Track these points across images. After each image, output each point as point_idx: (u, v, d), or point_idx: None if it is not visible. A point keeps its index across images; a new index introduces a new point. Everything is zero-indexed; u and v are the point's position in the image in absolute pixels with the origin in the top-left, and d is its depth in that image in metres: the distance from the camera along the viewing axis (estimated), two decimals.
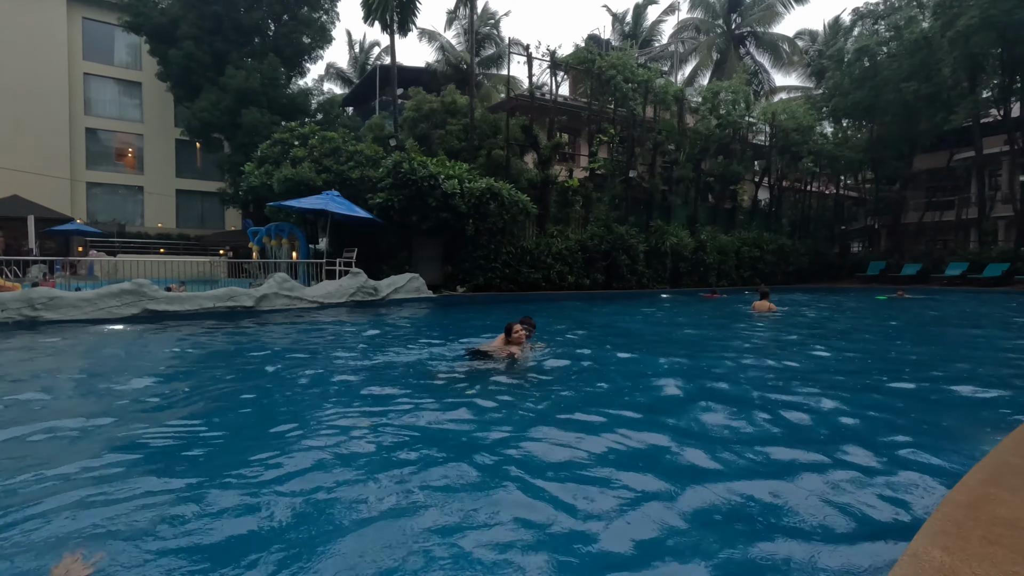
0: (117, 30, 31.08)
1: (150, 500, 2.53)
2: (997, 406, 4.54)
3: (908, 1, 25.65)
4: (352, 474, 2.86)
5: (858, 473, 2.94)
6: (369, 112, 33.07)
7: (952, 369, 6.29)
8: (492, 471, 2.92)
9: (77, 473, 2.84)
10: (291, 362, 6.09)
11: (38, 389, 4.76)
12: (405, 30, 21.37)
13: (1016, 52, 22.19)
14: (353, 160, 17.18)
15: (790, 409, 4.21)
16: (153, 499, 2.54)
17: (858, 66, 26.23)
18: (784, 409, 4.22)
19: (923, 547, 1.63)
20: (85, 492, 2.60)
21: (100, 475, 2.82)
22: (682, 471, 2.97)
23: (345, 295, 12.52)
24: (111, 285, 9.58)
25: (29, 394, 4.55)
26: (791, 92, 39.76)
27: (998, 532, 1.73)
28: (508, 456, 3.15)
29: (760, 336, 9.02)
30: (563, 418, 3.91)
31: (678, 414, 4.10)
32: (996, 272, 22.58)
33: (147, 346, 7.31)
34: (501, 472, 2.90)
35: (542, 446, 3.32)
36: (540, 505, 2.50)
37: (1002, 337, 9.31)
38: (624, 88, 20.48)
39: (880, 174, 29.21)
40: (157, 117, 34.03)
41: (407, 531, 2.26)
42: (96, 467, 2.93)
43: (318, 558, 2.06)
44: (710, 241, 22.66)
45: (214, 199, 33.42)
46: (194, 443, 3.38)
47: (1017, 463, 2.36)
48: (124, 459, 3.06)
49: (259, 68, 26.61)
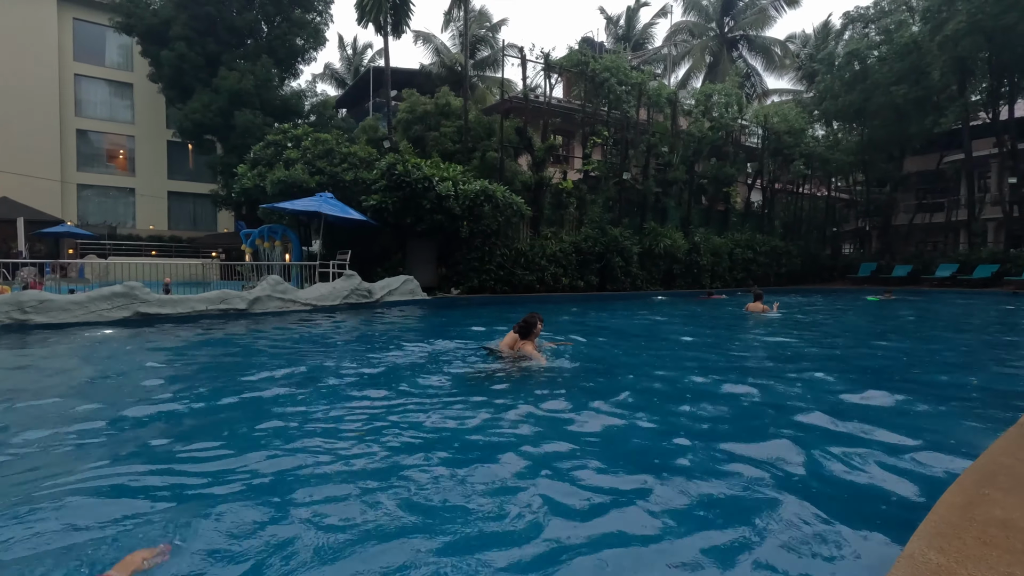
0: (108, 31, 30.92)
1: (158, 507, 2.50)
2: (989, 406, 4.58)
3: (898, 5, 25.90)
4: (367, 481, 2.84)
5: (854, 473, 2.96)
6: (363, 114, 33.04)
7: (944, 370, 6.34)
8: (522, 475, 2.91)
9: (62, 479, 2.81)
10: (283, 364, 6.05)
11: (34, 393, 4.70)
12: (399, 32, 21.37)
13: (1004, 56, 22.45)
14: (347, 162, 17.14)
15: (791, 408, 4.23)
16: (162, 505, 2.52)
17: (848, 69, 26.46)
18: (784, 407, 4.24)
19: (919, 549, 1.64)
20: (68, 502, 2.57)
21: (84, 486, 2.78)
22: (674, 470, 2.97)
23: (339, 297, 12.47)
24: (102, 288, 9.50)
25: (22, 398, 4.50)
26: (783, 95, 40.07)
27: (992, 533, 1.74)
28: (539, 455, 3.14)
29: (758, 335, 9.06)
30: (591, 418, 3.93)
31: (685, 412, 4.11)
32: (986, 273, 22.80)
33: (138, 349, 7.25)
34: (531, 472, 2.89)
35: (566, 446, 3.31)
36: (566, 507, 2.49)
37: (990, 338, 9.41)
38: (617, 90, 20.56)
39: (871, 176, 29.47)
40: (149, 119, 33.82)
41: (418, 532, 2.25)
42: (76, 479, 2.89)
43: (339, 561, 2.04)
44: (704, 243, 22.76)
45: (206, 201, 33.26)
46: (186, 446, 3.35)
47: (1010, 463, 2.38)
48: (117, 465, 3.03)
49: (252, 70, 26.52)
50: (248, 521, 2.36)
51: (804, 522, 2.41)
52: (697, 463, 3.13)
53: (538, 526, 2.34)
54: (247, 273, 16.76)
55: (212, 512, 2.43)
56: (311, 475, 2.89)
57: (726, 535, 2.32)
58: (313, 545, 2.17)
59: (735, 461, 3.14)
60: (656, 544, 2.24)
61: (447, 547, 2.17)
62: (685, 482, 2.83)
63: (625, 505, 2.57)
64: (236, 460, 3.09)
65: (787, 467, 3.06)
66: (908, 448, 3.37)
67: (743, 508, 2.55)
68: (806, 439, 3.56)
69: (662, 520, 2.43)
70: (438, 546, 2.17)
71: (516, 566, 2.06)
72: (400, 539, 2.22)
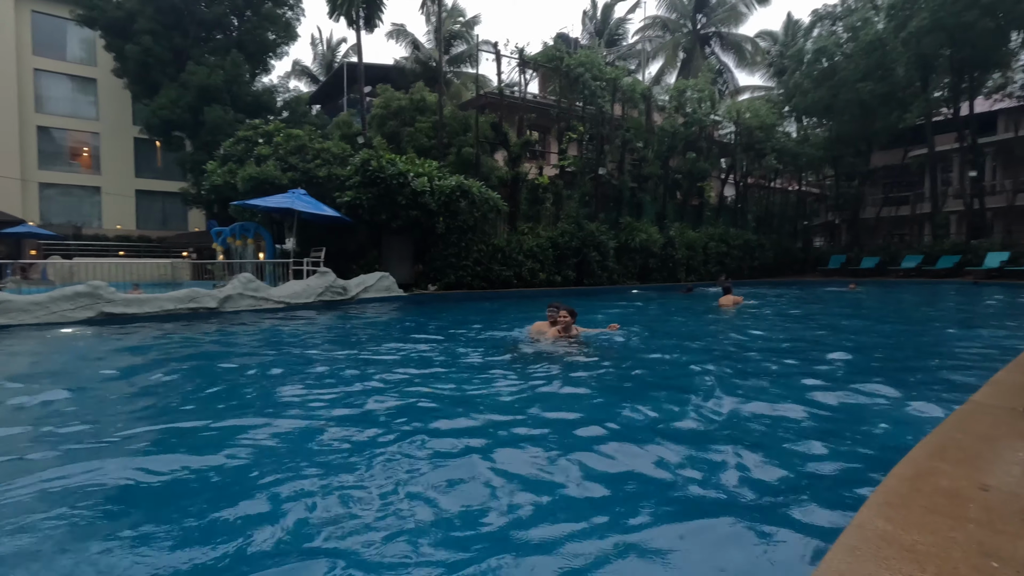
0: (70, 24, 29.95)
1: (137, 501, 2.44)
2: (943, 387, 4.74)
3: (864, 3, 26.54)
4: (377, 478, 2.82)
5: (813, 446, 3.04)
6: (336, 110, 32.63)
7: (903, 353, 6.54)
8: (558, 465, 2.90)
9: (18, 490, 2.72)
10: (258, 362, 5.95)
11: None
12: (372, 26, 21.13)
13: (964, 53, 23.18)
14: (320, 158, 16.90)
15: (757, 390, 4.32)
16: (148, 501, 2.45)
17: (817, 66, 27.04)
18: (751, 390, 4.33)
19: (868, 517, 1.69)
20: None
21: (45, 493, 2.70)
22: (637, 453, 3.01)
23: (313, 295, 12.31)
24: (64, 288, 9.21)
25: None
26: (754, 91, 40.75)
27: (938, 501, 1.80)
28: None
29: (730, 327, 9.22)
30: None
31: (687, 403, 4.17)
32: (948, 264, 23.57)
33: (102, 349, 7.05)
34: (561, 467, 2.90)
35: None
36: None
37: (951, 326, 9.74)
38: (592, 86, 20.66)
39: (840, 171, 30.22)
40: (114, 115, 32.86)
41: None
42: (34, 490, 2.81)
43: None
44: (678, 237, 23.05)
45: (176, 199, 32.47)
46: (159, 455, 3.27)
47: (960, 438, 2.46)
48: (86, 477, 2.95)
49: (222, 64, 25.95)
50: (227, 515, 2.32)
51: (763, 491, 2.48)
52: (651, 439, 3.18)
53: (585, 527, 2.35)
54: (219, 272, 16.41)
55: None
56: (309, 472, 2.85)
57: (685, 499, 2.36)
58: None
59: (701, 429, 3.19)
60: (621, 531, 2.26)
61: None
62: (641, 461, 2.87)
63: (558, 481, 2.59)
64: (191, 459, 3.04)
65: (746, 438, 3.13)
66: (865, 423, 3.48)
67: (701, 477, 2.60)
68: (764, 422, 3.64)
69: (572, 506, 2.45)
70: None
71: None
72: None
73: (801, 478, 2.74)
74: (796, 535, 2.18)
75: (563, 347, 6.18)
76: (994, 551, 1.49)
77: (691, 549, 2.11)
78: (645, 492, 2.60)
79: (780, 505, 2.44)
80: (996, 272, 21.71)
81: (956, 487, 1.92)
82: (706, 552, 2.10)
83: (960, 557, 1.46)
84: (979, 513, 1.72)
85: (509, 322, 9.64)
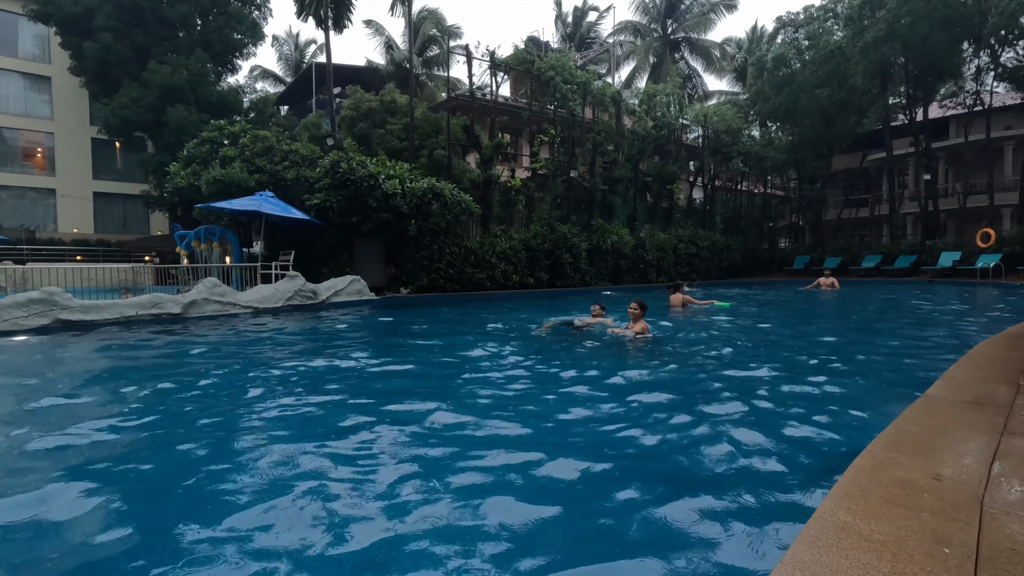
0: (22, 19, 28.76)
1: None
2: (899, 382, 4.92)
3: (823, 12, 27.43)
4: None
5: (778, 446, 3.12)
6: (305, 111, 32.08)
7: (858, 350, 6.77)
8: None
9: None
10: (226, 368, 5.80)
11: None
12: (341, 26, 20.89)
13: (919, 62, 24.16)
14: (288, 160, 16.58)
15: (726, 389, 4.41)
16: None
17: (777, 73, 27.80)
18: (719, 389, 4.41)
19: (829, 509, 1.74)
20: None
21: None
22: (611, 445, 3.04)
23: (282, 299, 12.05)
24: (17, 294, 8.81)
25: None
26: (722, 96, 41.69)
27: (895, 492, 1.87)
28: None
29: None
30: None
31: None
32: (906, 263, 24.48)
33: (57, 358, 6.77)
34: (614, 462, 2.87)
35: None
36: None
37: (905, 323, 10.13)
38: (563, 89, 20.80)
39: (803, 174, 31.12)
40: (70, 114, 31.64)
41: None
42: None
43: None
44: (649, 239, 23.37)
45: (137, 202, 31.48)
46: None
47: (915, 431, 2.56)
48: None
49: (185, 64, 25.26)
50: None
51: (728, 486, 2.54)
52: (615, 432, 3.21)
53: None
54: (183, 277, 15.93)
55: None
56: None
57: (649, 496, 2.39)
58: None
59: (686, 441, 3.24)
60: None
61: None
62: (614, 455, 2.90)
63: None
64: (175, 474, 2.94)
65: (716, 435, 3.19)
66: (826, 420, 3.59)
67: (666, 472, 2.64)
68: (739, 412, 3.72)
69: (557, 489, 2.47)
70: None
71: None
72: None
73: (760, 473, 2.81)
74: (757, 529, 2.24)
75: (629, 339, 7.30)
76: (946, 538, 1.55)
77: (649, 550, 2.13)
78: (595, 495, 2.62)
79: (743, 498, 2.49)
80: (949, 271, 22.66)
81: (911, 478, 1.99)
82: (668, 549, 2.12)
83: (915, 545, 1.52)
84: (932, 502, 1.79)
85: (480, 328, 9.60)
